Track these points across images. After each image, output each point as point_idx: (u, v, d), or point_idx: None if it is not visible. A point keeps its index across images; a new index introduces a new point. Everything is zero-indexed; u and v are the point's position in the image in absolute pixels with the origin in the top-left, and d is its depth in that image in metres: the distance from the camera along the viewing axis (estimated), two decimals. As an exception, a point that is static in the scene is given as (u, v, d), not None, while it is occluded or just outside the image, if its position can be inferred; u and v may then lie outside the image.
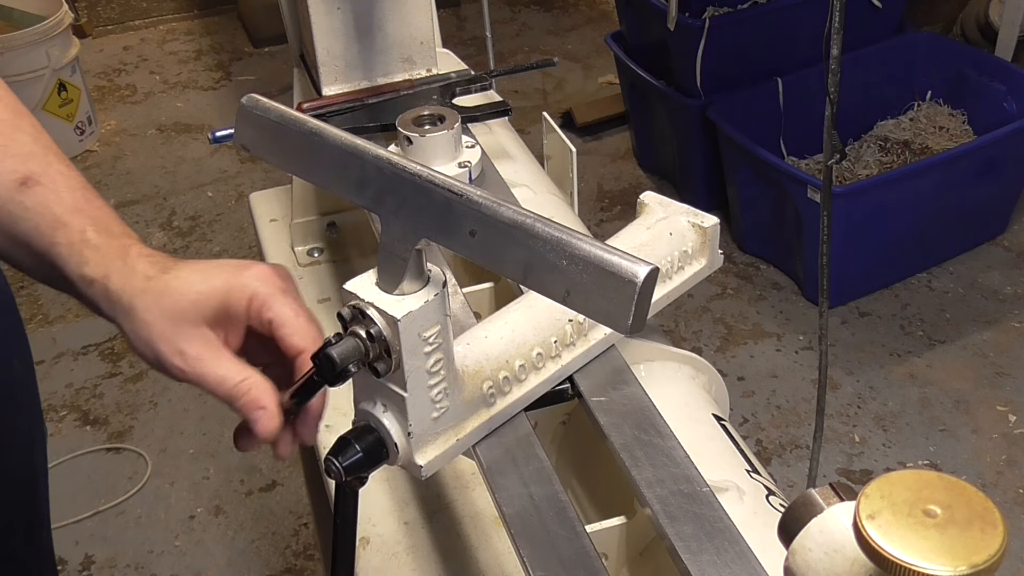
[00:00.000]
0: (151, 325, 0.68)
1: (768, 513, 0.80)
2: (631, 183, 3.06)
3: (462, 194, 0.57)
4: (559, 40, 3.96)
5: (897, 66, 2.85)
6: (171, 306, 0.68)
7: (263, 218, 1.44)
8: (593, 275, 0.52)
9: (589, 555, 0.68)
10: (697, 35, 2.63)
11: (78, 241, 0.71)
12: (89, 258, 0.70)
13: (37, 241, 0.72)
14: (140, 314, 0.68)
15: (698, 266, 0.90)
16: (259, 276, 0.70)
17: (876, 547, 0.45)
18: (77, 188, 0.74)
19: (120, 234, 0.72)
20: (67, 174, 0.74)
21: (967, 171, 2.47)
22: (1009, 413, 2.20)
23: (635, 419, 0.77)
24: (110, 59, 4.00)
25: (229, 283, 0.69)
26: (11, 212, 0.72)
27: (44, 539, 1.06)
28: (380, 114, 1.13)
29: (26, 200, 0.72)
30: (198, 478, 2.19)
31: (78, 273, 0.71)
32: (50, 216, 0.72)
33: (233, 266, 0.71)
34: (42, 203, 0.72)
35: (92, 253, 0.71)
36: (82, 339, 2.59)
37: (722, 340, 2.46)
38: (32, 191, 0.72)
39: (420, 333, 0.64)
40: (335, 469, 0.66)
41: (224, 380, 0.68)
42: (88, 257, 0.70)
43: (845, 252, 2.38)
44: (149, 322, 0.68)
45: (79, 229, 0.71)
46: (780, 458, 2.14)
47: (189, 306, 0.68)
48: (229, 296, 0.69)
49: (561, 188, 1.22)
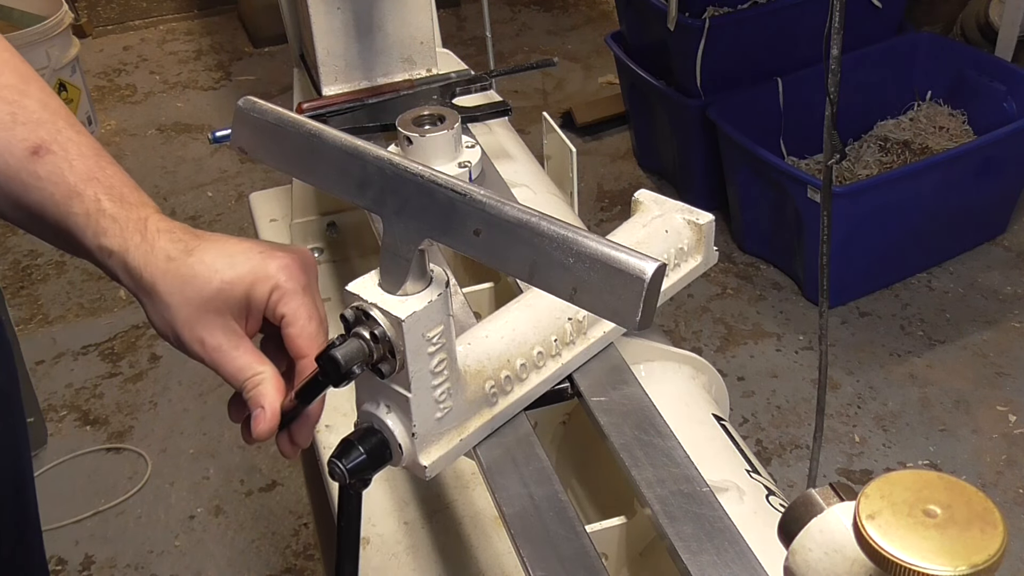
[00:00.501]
0: (173, 309, 0.68)
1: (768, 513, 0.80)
2: (631, 183, 3.06)
3: (465, 193, 0.57)
4: (559, 40, 3.96)
5: (897, 66, 2.85)
6: (194, 294, 0.67)
7: (263, 218, 1.44)
8: (600, 272, 0.52)
9: (589, 555, 0.68)
10: (697, 35, 2.63)
11: (94, 211, 0.69)
12: (106, 228, 0.69)
13: (52, 211, 0.70)
14: (163, 297, 0.68)
15: (694, 263, 0.90)
16: (284, 268, 0.69)
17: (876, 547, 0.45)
18: (90, 155, 0.72)
19: (136, 203, 0.71)
20: (78, 140, 0.73)
21: (967, 171, 2.47)
22: (1009, 413, 2.21)
23: (635, 419, 0.77)
24: (110, 59, 4.00)
25: (255, 272, 0.68)
26: (24, 182, 0.71)
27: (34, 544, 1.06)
28: (380, 114, 1.13)
29: (39, 169, 0.70)
30: (198, 478, 2.19)
31: (96, 244, 0.69)
32: (64, 185, 0.70)
33: (258, 252, 0.70)
34: (55, 172, 0.70)
35: (109, 224, 0.69)
36: (82, 339, 2.59)
37: (722, 340, 2.46)
38: (44, 160, 0.71)
39: (424, 333, 0.64)
40: (339, 471, 0.66)
41: (239, 372, 0.68)
42: (105, 227, 0.69)
43: (845, 252, 2.38)
44: (172, 306, 0.68)
45: (93, 198, 0.70)
46: (780, 458, 2.14)
47: (214, 294, 0.68)
48: (254, 287, 0.68)
49: (561, 188, 1.22)
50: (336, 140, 0.64)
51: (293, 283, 0.69)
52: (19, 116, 0.72)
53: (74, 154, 0.72)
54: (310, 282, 0.71)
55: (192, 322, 0.68)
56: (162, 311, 0.68)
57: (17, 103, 0.73)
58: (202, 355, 0.69)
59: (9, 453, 0.98)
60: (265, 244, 0.71)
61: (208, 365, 0.69)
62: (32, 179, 0.71)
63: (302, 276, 0.70)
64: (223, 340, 0.68)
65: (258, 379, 0.68)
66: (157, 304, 0.68)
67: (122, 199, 0.70)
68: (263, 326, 0.72)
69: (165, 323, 0.69)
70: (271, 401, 0.68)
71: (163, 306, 0.68)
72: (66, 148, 0.72)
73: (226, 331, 0.68)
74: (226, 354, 0.68)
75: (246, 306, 0.69)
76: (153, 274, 0.68)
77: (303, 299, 0.69)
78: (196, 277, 0.68)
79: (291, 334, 0.69)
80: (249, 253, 0.69)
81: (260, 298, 0.69)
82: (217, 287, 0.68)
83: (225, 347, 0.68)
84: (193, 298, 0.67)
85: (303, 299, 0.69)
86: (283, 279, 0.69)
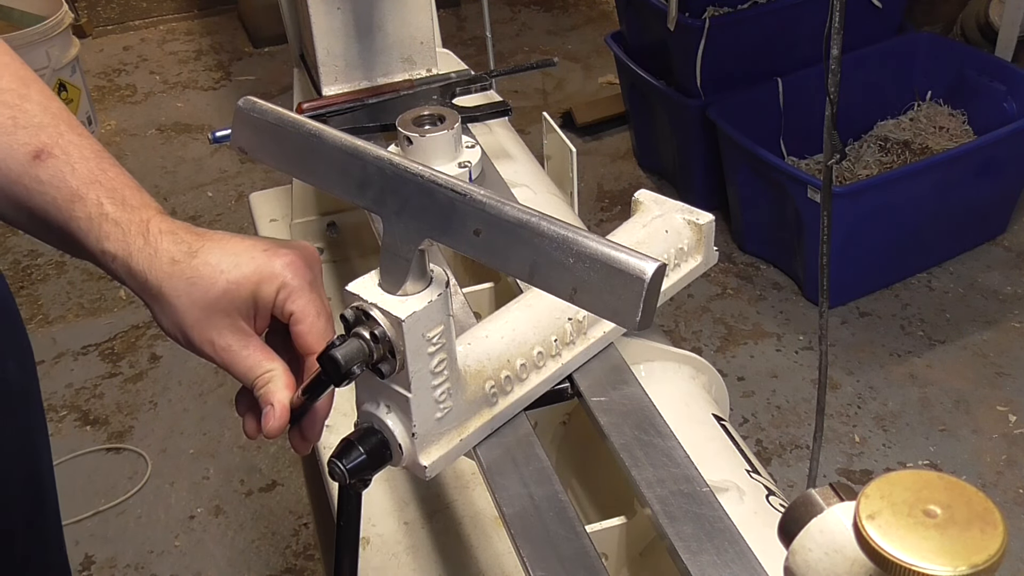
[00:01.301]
0: (181, 312, 0.68)
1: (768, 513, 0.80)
2: (631, 183, 3.06)
3: (466, 194, 0.57)
4: (559, 40, 3.96)
5: (897, 66, 2.85)
6: (201, 296, 0.67)
7: (263, 218, 1.44)
8: (600, 272, 0.52)
9: (589, 555, 0.68)
10: (697, 35, 2.63)
11: (96, 215, 0.69)
12: (109, 232, 0.69)
13: (55, 215, 0.70)
14: (169, 300, 0.68)
15: (694, 263, 0.90)
16: (290, 265, 0.69)
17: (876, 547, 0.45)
18: (91, 157, 0.72)
19: (138, 205, 0.71)
20: (79, 143, 0.73)
21: (967, 171, 2.47)
22: (1009, 413, 2.21)
23: (635, 419, 0.77)
24: (110, 59, 4.00)
25: (261, 271, 0.68)
26: (27, 187, 0.71)
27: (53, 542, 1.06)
28: (380, 114, 1.13)
29: (41, 174, 0.70)
30: (198, 478, 2.19)
31: (99, 248, 0.69)
32: (66, 189, 0.70)
33: (263, 250, 0.70)
34: (57, 176, 0.70)
35: (112, 228, 0.69)
36: (82, 339, 2.59)
37: (722, 340, 2.46)
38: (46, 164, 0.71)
39: (424, 333, 0.64)
40: (339, 471, 0.66)
41: (249, 371, 0.69)
42: (108, 231, 0.69)
43: (845, 252, 2.38)
44: (179, 309, 0.68)
45: (96, 202, 0.70)
46: (780, 458, 2.14)
47: (220, 295, 0.68)
48: (260, 286, 0.68)
49: (561, 188, 1.22)
50: (336, 140, 0.64)
51: (299, 280, 0.69)
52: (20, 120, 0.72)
53: (76, 157, 0.72)
54: (316, 278, 0.71)
55: (201, 323, 0.68)
56: (170, 314, 0.68)
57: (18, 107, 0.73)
58: (212, 355, 0.69)
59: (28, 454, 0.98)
60: (268, 241, 0.71)
61: (219, 365, 0.70)
62: (34, 183, 0.71)
63: (307, 272, 0.70)
64: (232, 340, 0.69)
65: (268, 376, 0.68)
66: (164, 307, 0.69)
67: (124, 202, 0.70)
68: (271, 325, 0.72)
69: (174, 325, 0.69)
70: (281, 398, 0.68)
71: (170, 309, 0.68)
72: (68, 151, 0.72)
73: (234, 331, 0.69)
74: (236, 353, 0.69)
75: (253, 305, 0.69)
76: (159, 277, 0.68)
77: (310, 296, 0.69)
78: (201, 279, 0.68)
79: (300, 331, 0.69)
80: (253, 251, 0.69)
81: (267, 297, 0.69)
82: (223, 288, 0.68)
83: (235, 347, 0.69)
84: (200, 300, 0.68)
85: (310, 296, 0.69)
86: (289, 276, 0.69)
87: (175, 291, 0.68)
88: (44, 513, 1.03)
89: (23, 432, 0.97)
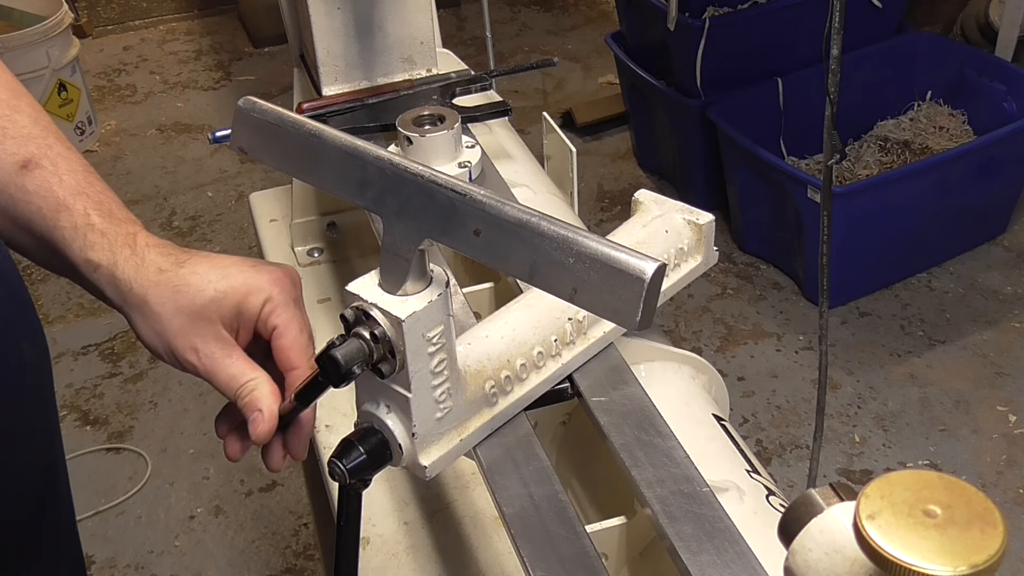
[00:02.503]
0: (165, 320, 0.68)
1: (768, 513, 0.80)
2: (631, 183, 3.06)
3: (466, 194, 0.57)
4: (559, 40, 3.96)
5: (897, 66, 2.85)
6: (187, 303, 0.68)
7: (263, 218, 1.44)
8: (601, 272, 0.52)
9: (589, 555, 0.68)
10: (697, 35, 2.63)
11: (82, 224, 0.70)
12: (94, 242, 0.70)
13: (39, 224, 0.71)
14: (154, 308, 0.68)
15: (694, 263, 0.90)
16: (276, 281, 0.70)
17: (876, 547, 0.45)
18: (79, 170, 0.73)
19: (124, 219, 0.72)
20: (67, 156, 0.73)
21: (967, 171, 2.47)
22: (1009, 413, 2.21)
23: (635, 419, 0.77)
24: (110, 59, 4.00)
25: (248, 284, 0.69)
26: (12, 195, 0.71)
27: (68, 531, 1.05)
28: (380, 114, 1.13)
29: (27, 183, 0.71)
30: (198, 478, 2.19)
31: (83, 257, 0.70)
32: (52, 199, 0.71)
33: (250, 267, 0.71)
34: (44, 186, 0.71)
35: (97, 238, 0.70)
36: (82, 339, 2.59)
37: (722, 340, 2.46)
38: (33, 174, 0.71)
39: (424, 333, 0.64)
40: (339, 471, 0.66)
41: (232, 380, 0.69)
42: (93, 241, 0.70)
43: (845, 252, 2.38)
44: (163, 316, 0.68)
45: (82, 212, 0.70)
46: (780, 458, 2.14)
47: (207, 303, 0.68)
48: (247, 298, 0.69)
49: (561, 188, 1.22)
50: (336, 140, 0.64)
51: (284, 296, 0.70)
52: (9, 130, 0.73)
53: (64, 169, 0.72)
54: (299, 296, 0.73)
55: (185, 330, 0.68)
56: (152, 323, 0.69)
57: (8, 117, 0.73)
58: (196, 363, 0.69)
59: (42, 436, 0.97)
60: (254, 260, 0.73)
61: (201, 374, 0.70)
62: (20, 192, 0.71)
63: (292, 290, 0.72)
64: (216, 348, 0.69)
65: (253, 384, 0.69)
66: (148, 316, 0.69)
67: (111, 214, 0.71)
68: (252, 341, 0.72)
69: (156, 335, 0.69)
70: (268, 404, 0.68)
71: (154, 317, 0.69)
72: (56, 163, 0.72)
73: (218, 339, 0.69)
74: (219, 361, 0.69)
75: (237, 317, 0.70)
76: (144, 286, 0.69)
77: (294, 311, 0.71)
78: (189, 287, 0.68)
79: (283, 345, 0.70)
80: (241, 266, 0.71)
81: (253, 309, 0.70)
82: (211, 296, 0.68)
83: (218, 355, 0.69)
84: (185, 307, 0.68)
85: (294, 311, 0.71)
86: (275, 292, 0.70)
87: (160, 299, 0.68)
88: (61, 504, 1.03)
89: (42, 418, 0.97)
